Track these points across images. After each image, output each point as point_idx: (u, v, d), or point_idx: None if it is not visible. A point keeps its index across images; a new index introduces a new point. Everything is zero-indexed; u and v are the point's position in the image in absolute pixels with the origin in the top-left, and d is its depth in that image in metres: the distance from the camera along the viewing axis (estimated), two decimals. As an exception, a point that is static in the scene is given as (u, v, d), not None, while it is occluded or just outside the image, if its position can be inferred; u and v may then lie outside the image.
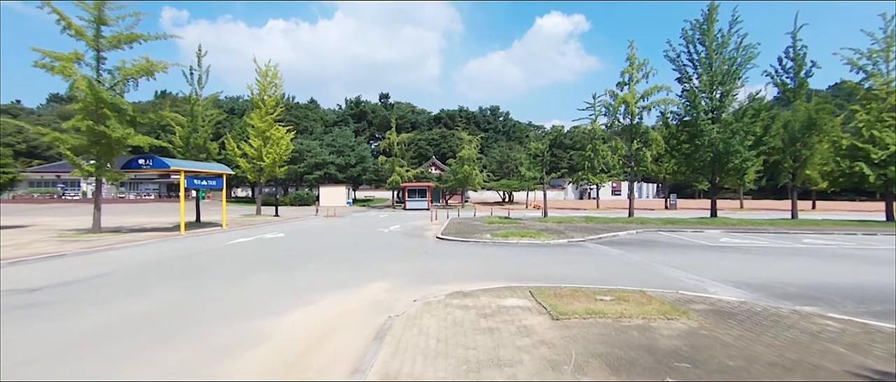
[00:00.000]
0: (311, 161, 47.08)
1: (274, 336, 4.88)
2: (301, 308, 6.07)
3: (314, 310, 5.96)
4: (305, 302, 6.40)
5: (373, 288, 7.33)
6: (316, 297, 6.68)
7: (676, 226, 19.36)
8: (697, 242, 14.36)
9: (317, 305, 6.23)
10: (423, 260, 10.54)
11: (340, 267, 9.46)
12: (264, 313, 5.81)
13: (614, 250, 12.23)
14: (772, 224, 20.57)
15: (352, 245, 13.56)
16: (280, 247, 12.80)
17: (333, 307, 6.16)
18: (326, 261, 10.27)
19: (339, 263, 10.06)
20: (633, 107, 22.29)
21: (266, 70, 26.25)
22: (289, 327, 5.20)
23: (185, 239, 14.48)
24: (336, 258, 10.85)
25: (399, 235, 16.60)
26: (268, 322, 5.41)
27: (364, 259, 10.66)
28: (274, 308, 6.06)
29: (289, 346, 4.56)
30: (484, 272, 8.87)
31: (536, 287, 6.97)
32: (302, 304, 6.25)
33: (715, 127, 21.53)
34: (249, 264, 9.84)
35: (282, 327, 5.21)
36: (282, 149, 25.55)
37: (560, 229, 17.83)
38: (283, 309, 5.96)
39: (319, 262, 10.13)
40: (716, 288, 7.41)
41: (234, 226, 19.68)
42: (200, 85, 20.33)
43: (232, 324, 5.32)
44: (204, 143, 19.81)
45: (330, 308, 6.11)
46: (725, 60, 22.06)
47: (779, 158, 22.73)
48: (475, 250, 12.25)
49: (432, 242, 14.26)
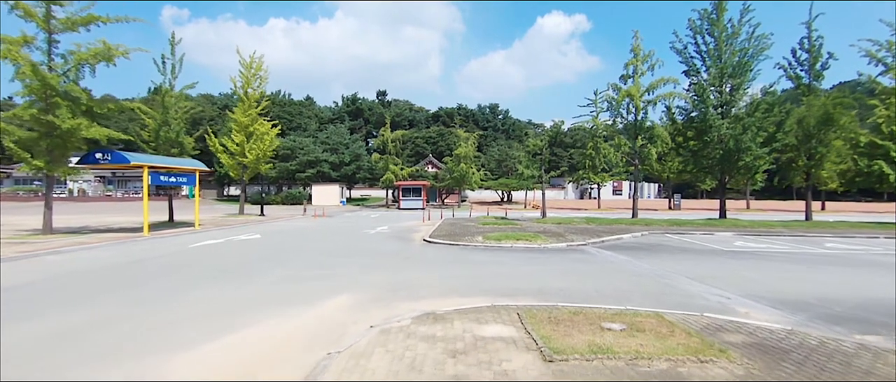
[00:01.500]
0: (304, 158, 45.72)
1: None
2: (227, 335, 4.74)
3: (240, 340, 4.63)
4: (239, 326, 5.08)
5: (330, 306, 6.00)
6: (255, 319, 5.35)
7: (684, 228, 18.02)
8: (710, 246, 13.02)
9: (249, 331, 4.90)
10: (401, 267, 9.21)
11: (304, 277, 8.14)
12: (175, 344, 4.48)
13: (619, 256, 10.89)
14: (785, 226, 19.23)
15: (328, 248, 12.23)
16: (247, 251, 11.47)
17: (269, 334, 4.82)
18: (291, 269, 8.94)
19: (304, 271, 8.73)
20: (637, 101, 20.94)
21: (250, 62, 24.90)
22: (188, 368, 3.87)
23: (144, 242, 13.15)
24: (304, 264, 9.52)
25: (384, 237, 15.27)
26: (168, 358, 4.09)
27: (335, 266, 9.34)
28: (193, 335, 4.74)
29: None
30: (468, 284, 7.53)
31: (527, 307, 5.64)
32: (232, 330, 4.92)
33: (725, 122, 20.19)
34: (200, 272, 8.51)
35: (178, 368, 3.87)
36: (266, 145, 24.21)
37: (559, 231, 16.49)
38: (204, 338, 4.64)
39: (283, 270, 8.80)
40: (747, 308, 6.07)
41: (209, 227, 18.36)
42: (174, 74, 18.97)
43: (118, 362, 3.99)
44: (176, 137, 18.46)
45: (263, 336, 4.77)
46: (735, 52, 20.70)
47: (792, 156, 21.38)
48: (463, 255, 10.91)
49: (418, 246, 12.92)
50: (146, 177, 14.33)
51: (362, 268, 9.03)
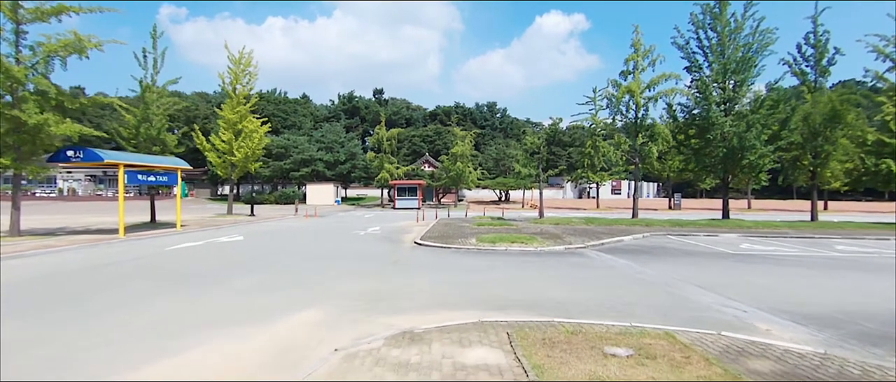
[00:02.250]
0: (298, 157, 44.93)
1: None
2: (158, 362, 4.03)
3: (172, 369, 3.91)
4: (178, 348, 4.37)
5: (294, 323, 5.29)
6: (202, 339, 4.64)
7: (686, 229, 17.36)
8: (715, 249, 12.35)
9: (187, 357, 4.19)
10: (385, 274, 8.50)
11: (276, 285, 7.42)
12: (88, 373, 3.76)
13: (620, 260, 10.20)
14: (790, 226, 18.58)
15: (311, 252, 11.51)
16: (223, 255, 10.75)
17: (209, 361, 4.11)
18: (265, 275, 8.23)
19: (278, 278, 8.01)
20: (638, 98, 20.25)
21: (239, 57, 24.14)
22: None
23: (118, 245, 12.41)
24: (280, 270, 8.81)
25: (374, 239, 14.56)
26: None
27: (314, 272, 8.62)
28: (119, 362, 4.02)
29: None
30: (456, 293, 6.83)
31: (519, 324, 4.94)
32: (166, 354, 4.21)
33: (728, 119, 19.52)
34: (162, 280, 7.79)
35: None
36: (255, 143, 23.45)
37: (557, 232, 15.80)
38: (128, 365, 3.92)
39: (255, 276, 8.09)
40: (767, 324, 5.38)
41: (193, 228, 17.62)
42: (156, 69, 18.19)
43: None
44: (158, 134, 17.68)
45: (202, 363, 4.06)
46: (739, 47, 20.03)
47: (797, 154, 20.74)
48: (454, 260, 10.21)
49: (407, 248, 12.22)
50: (122, 175, 13.58)
51: (342, 275, 8.31)
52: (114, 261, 9.68)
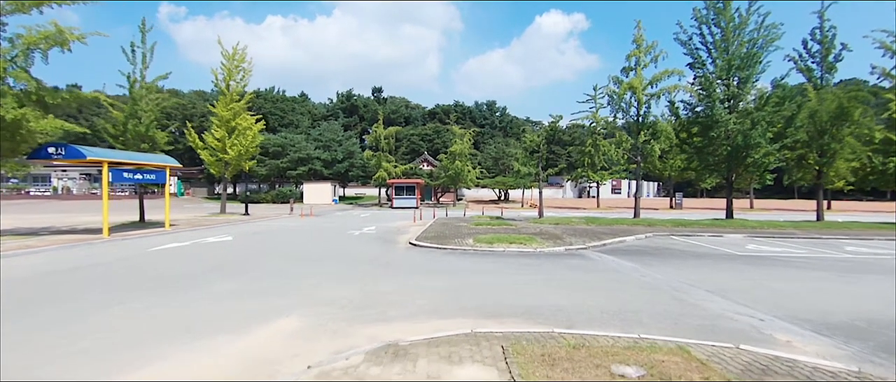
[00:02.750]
0: (295, 156, 44.42)
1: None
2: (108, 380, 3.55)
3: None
4: (132, 364, 3.89)
5: (269, 333, 4.82)
6: (161, 353, 4.17)
7: (690, 229, 16.90)
8: (721, 250, 11.89)
9: (141, 373, 3.71)
10: (376, 277, 8.03)
11: (256, 290, 6.95)
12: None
13: (625, 262, 9.73)
14: (796, 226, 18.13)
15: (300, 253, 11.04)
16: (207, 257, 10.27)
17: (163, 379, 3.64)
18: (247, 279, 7.76)
19: (260, 282, 7.54)
20: (640, 95, 19.75)
21: (233, 52, 23.64)
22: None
23: (100, 245, 11.93)
24: (264, 272, 8.33)
25: (368, 239, 14.08)
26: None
27: (299, 275, 8.15)
28: (65, 378, 3.55)
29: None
30: (448, 299, 6.36)
31: (516, 336, 4.47)
32: (116, 372, 3.73)
33: (732, 117, 19.03)
34: (138, 284, 7.31)
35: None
36: (248, 141, 22.95)
37: (557, 233, 15.34)
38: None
39: (236, 280, 7.62)
40: (789, 335, 4.91)
41: (183, 227, 17.14)
42: (145, 64, 17.67)
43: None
44: (147, 131, 17.17)
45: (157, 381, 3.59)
46: (743, 43, 19.54)
47: (803, 152, 20.27)
48: (449, 262, 9.74)
49: (402, 250, 11.74)
50: (106, 173, 13.09)
51: (329, 279, 7.84)
52: (90, 264, 9.20)
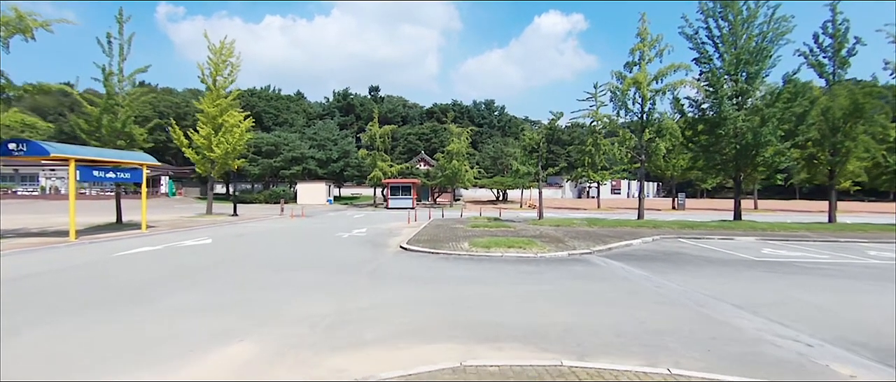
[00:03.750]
0: (289, 155, 43.44)
1: None
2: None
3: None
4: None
5: (215, 362, 3.91)
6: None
7: (697, 231, 16.05)
8: (737, 256, 11.01)
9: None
10: (357, 288, 7.11)
11: (219, 304, 6.03)
12: None
13: (635, 269, 8.83)
14: (808, 228, 17.28)
15: (279, 258, 10.11)
16: (177, 263, 9.34)
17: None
18: (213, 289, 6.84)
19: (226, 294, 6.62)
20: (644, 90, 18.86)
21: (220, 46, 22.67)
22: None
23: (64, 250, 10.98)
24: (235, 282, 7.41)
25: (356, 243, 13.16)
26: None
27: (273, 285, 7.23)
28: None
29: None
30: (437, 317, 5.44)
31: (517, 371, 3.55)
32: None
33: (741, 113, 18.17)
34: (84, 296, 6.38)
35: None
36: (235, 139, 21.99)
37: (558, 235, 14.44)
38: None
39: (200, 291, 6.70)
40: (851, 367, 4.01)
41: (162, 229, 16.19)
42: (122, 56, 16.70)
43: None
44: (123, 127, 16.19)
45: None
46: (752, 36, 18.69)
47: (813, 151, 19.43)
48: (441, 269, 8.82)
49: (390, 254, 10.82)
50: (72, 171, 12.13)
51: (305, 290, 6.92)
52: (43, 271, 8.25)
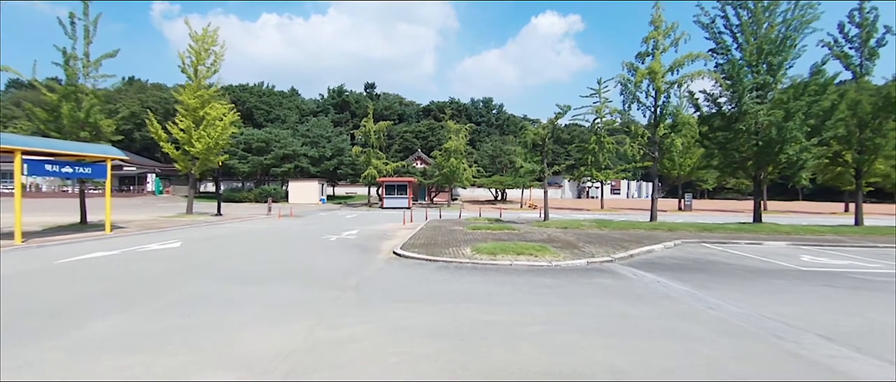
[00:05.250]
0: (280, 152, 41.81)
1: None
2: None
3: None
4: None
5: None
6: None
7: (718, 235, 14.70)
8: (778, 264, 9.63)
9: None
10: (335, 309, 5.65)
11: (153, 331, 4.57)
12: None
13: (672, 283, 7.41)
14: (836, 232, 15.98)
15: (251, 266, 8.63)
16: (126, 272, 7.85)
17: None
18: (152, 310, 5.37)
19: (167, 316, 5.15)
20: (659, 82, 17.47)
21: (203, 34, 21.11)
22: None
23: (3, 255, 9.44)
24: (184, 299, 5.94)
25: (343, 248, 11.70)
26: None
27: (231, 303, 5.76)
28: None
29: None
30: (433, 357, 4.00)
31: None
32: None
33: (763, 107, 16.82)
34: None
35: None
36: (218, 133, 20.42)
37: (569, 239, 13.04)
38: None
39: (136, 312, 5.23)
40: None
41: (133, 230, 14.65)
42: (88, 39, 15.11)
43: None
44: (87, 117, 14.61)
45: None
46: (775, 25, 17.36)
47: (839, 149, 18.14)
48: (440, 282, 7.37)
49: (381, 262, 9.36)
50: (18, 164, 10.59)
51: (269, 311, 5.45)
52: (-49, 284, 6.74)
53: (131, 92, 71.72)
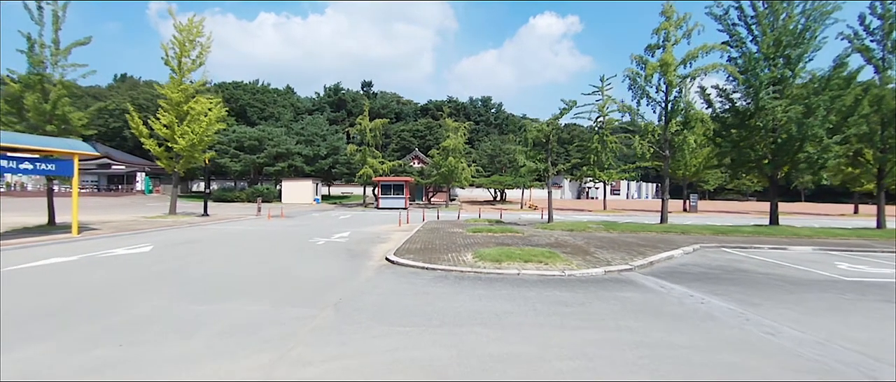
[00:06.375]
0: (273, 150, 40.63)
1: None
2: None
3: None
4: None
5: None
6: None
7: (736, 239, 13.70)
8: (818, 274, 8.60)
9: None
10: (310, 334, 4.57)
11: (74, 368, 3.47)
12: None
13: (709, 298, 6.35)
14: (859, 235, 14.99)
15: (222, 276, 7.53)
16: (69, 285, 6.75)
17: None
18: (84, 335, 4.31)
19: (101, 345, 4.07)
20: (671, 76, 16.45)
21: (189, 24, 19.97)
22: None
23: (-63, 261, 8.31)
24: (123, 322, 4.85)
25: (331, 253, 10.61)
26: None
27: (186, 323, 4.67)
28: None
29: None
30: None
31: None
32: None
33: (781, 103, 15.82)
34: None
35: None
36: (203, 129, 19.28)
37: (578, 243, 11.98)
38: None
39: (63, 338, 4.14)
40: None
41: (105, 232, 13.52)
42: (57, 26, 13.96)
43: None
44: (54, 109, 13.45)
45: None
46: (793, 15, 16.37)
47: (860, 147, 17.17)
48: (438, 297, 6.29)
49: (372, 271, 8.27)
50: (-35, 159, 9.45)
51: (224, 339, 4.35)
52: None
53: (123, 89, 70.35)
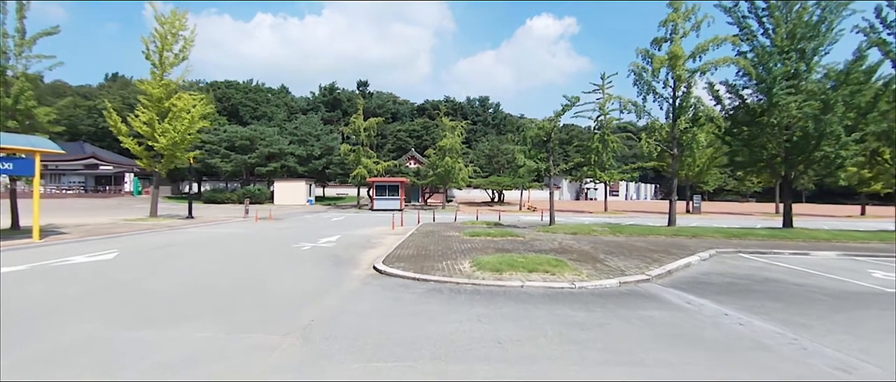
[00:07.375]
0: (266, 150, 39.56)
1: None
2: None
3: None
4: None
5: None
6: None
7: (752, 243, 12.83)
8: (857, 284, 7.69)
9: None
10: (259, 375, 3.59)
11: None
12: None
13: (748, 318, 5.41)
14: (881, 239, 14.11)
15: (182, 290, 6.55)
16: (3, 300, 5.74)
17: None
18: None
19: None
20: (680, 70, 15.57)
21: (172, 17, 18.95)
22: None
23: None
24: (36, 354, 3.87)
25: (316, 259, 9.63)
26: None
27: (115, 357, 3.68)
28: None
29: None
30: None
31: None
32: None
33: (795, 99, 14.96)
34: None
35: None
36: (185, 127, 18.25)
37: (585, 249, 11.05)
38: None
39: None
40: None
41: (74, 236, 12.50)
42: (20, 14, 12.91)
43: None
44: (16, 104, 12.41)
45: None
46: (807, 7, 15.53)
47: (876, 146, 16.34)
48: (429, 319, 5.32)
49: (356, 281, 7.30)
50: None
51: (161, 368, 3.38)
52: None
53: (114, 88, 69.06)
